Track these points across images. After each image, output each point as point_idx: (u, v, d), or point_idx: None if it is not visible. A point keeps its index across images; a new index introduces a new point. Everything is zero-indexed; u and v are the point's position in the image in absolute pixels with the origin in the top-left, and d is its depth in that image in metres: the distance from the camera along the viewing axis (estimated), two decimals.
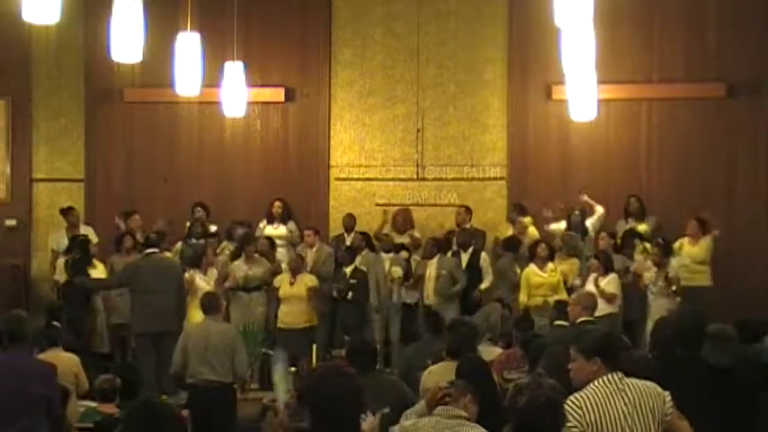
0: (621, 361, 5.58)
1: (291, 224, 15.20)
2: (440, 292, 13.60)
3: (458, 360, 7.15)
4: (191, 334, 10.32)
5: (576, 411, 5.22)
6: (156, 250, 13.16)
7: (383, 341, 13.73)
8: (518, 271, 13.50)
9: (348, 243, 14.72)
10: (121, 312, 13.84)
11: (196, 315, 11.68)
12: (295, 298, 13.42)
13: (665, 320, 7.63)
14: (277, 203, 15.18)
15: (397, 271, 13.91)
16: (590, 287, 12.97)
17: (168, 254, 13.55)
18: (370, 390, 5.89)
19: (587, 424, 5.24)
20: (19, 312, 7.26)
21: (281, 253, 14.58)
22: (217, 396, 9.94)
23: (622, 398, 5.33)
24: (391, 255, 14.17)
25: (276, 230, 14.95)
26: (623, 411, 5.30)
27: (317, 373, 4.07)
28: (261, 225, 15.07)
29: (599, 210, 14.37)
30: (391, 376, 8.33)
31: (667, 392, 5.39)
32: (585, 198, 14.43)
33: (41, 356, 8.94)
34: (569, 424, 5.02)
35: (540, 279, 13.23)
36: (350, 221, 15.22)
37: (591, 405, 5.30)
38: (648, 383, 5.41)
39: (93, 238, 14.41)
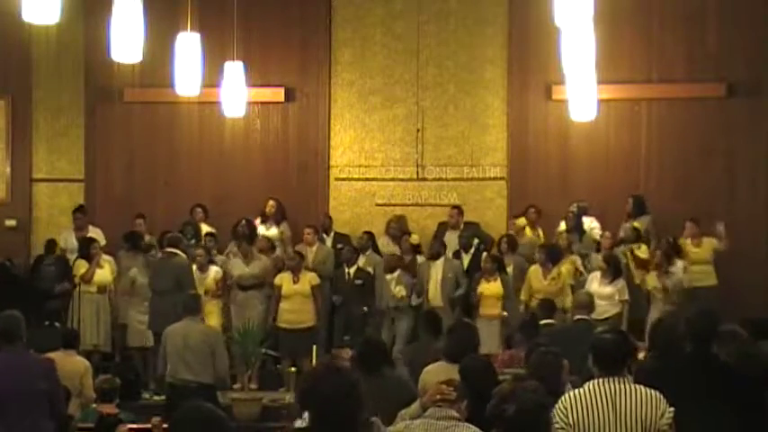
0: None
1: (284, 225, 15.14)
2: (447, 295, 13.58)
3: (455, 362, 7.12)
4: (169, 335, 10.32)
5: (561, 411, 5.25)
6: (173, 250, 13.11)
7: (391, 340, 13.67)
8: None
9: (329, 244, 14.72)
10: (124, 313, 13.90)
11: None
12: (299, 296, 13.40)
13: (670, 319, 7.61)
14: (270, 203, 15.14)
15: (401, 291, 13.79)
16: (593, 286, 12.96)
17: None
18: (375, 389, 5.89)
19: (570, 425, 5.26)
20: (13, 312, 7.29)
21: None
22: (194, 396, 9.89)
23: (611, 403, 5.30)
24: (396, 274, 13.88)
25: (268, 231, 14.92)
26: (607, 417, 5.28)
27: (312, 373, 4.05)
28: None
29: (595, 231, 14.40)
30: (397, 375, 8.31)
31: (671, 408, 5.34)
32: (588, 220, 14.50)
33: (53, 355, 8.99)
34: (556, 425, 5.03)
35: (538, 286, 13.22)
36: (327, 222, 15.21)
37: (576, 406, 5.30)
38: (652, 393, 5.36)
39: (101, 240, 14.45)
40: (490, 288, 13.34)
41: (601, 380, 5.38)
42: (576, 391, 5.41)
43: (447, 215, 15.08)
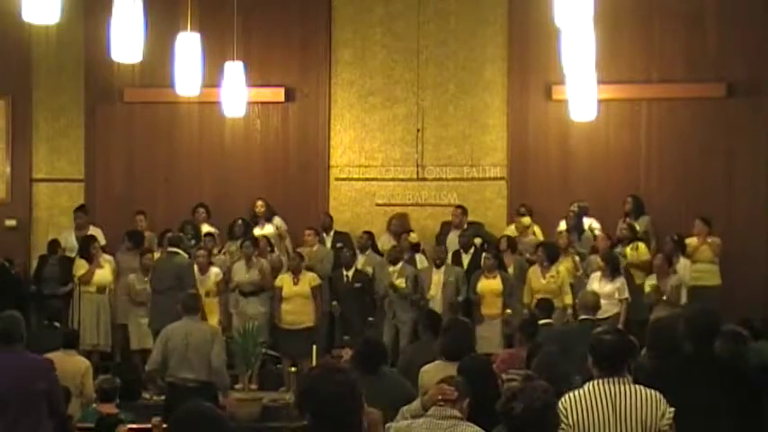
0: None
1: (277, 220, 15.18)
2: (446, 300, 13.57)
3: (453, 361, 7.13)
4: (171, 333, 10.31)
5: (561, 412, 5.23)
6: (174, 250, 13.12)
7: (392, 341, 13.65)
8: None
9: (329, 244, 14.77)
10: (123, 313, 13.93)
11: None
12: (299, 297, 13.43)
13: (669, 319, 7.60)
14: (259, 203, 15.17)
15: (402, 282, 13.78)
16: (593, 286, 12.96)
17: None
18: (374, 389, 5.89)
19: (570, 426, 5.25)
20: (13, 313, 7.30)
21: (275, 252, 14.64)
22: (195, 395, 9.87)
23: (611, 404, 5.29)
24: (398, 266, 13.89)
25: (263, 230, 14.93)
26: (608, 417, 5.27)
27: (311, 375, 4.03)
28: None
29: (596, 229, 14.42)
30: (396, 375, 8.32)
31: (671, 409, 5.33)
32: (592, 222, 14.50)
33: (53, 355, 9.00)
34: None
35: (538, 285, 13.22)
36: (327, 221, 15.23)
37: (576, 407, 5.29)
38: (652, 394, 5.34)
39: (101, 239, 14.46)
40: (490, 285, 13.35)
41: (600, 380, 5.37)
42: (576, 391, 5.40)
43: (450, 215, 15.08)
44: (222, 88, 13.53)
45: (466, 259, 14.26)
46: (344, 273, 14.07)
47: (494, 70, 15.84)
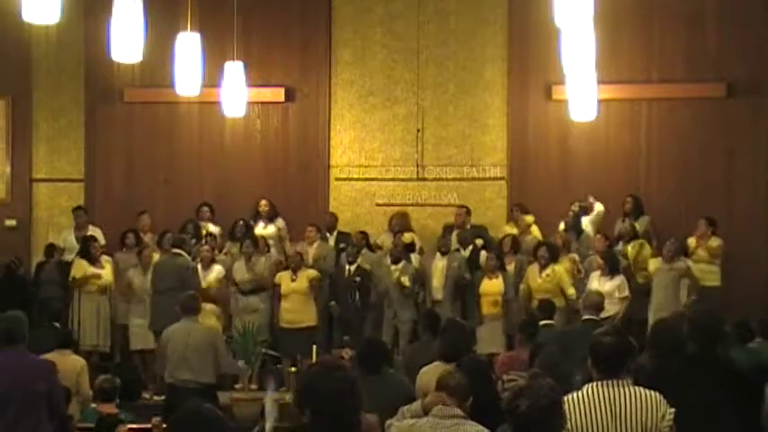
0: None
1: (279, 221, 15.20)
2: (448, 285, 13.57)
3: (451, 362, 7.12)
4: (171, 336, 10.30)
5: None
6: (177, 251, 13.14)
7: (392, 341, 13.65)
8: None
9: (332, 243, 14.80)
10: (123, 313, 13.94)
11: None
12: (297, 294, 13.45)
13: (672, 319, 7.60)
14: (263, 202, 15.20)
15: (406, 280, 13.76)
16: (593, 285, 12.97)
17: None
18: (375, 389, 5.90)
19: (569, 429, 5.23)
20: (16, 313, 7.31)
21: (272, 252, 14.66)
22: (194, 396, 9.85)
23: (611, 407, 5.27)
24: (401, 264, 13.88)
25: (265, 230, 14.95)
26: (607, 420, 5.25)
27: (311, 372, 4.03)
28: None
29: (598, 207, 14.38)
30: (398, 375, 8.31)
31: (671, 409, 5.31)
32: (591, 199, 14.45)
33: (48, 355, 9.00)
34: None
35: (534, 284, 13.21)
36: (332, 220, 15.25)
37: (575, 410, 5.27)
38: (652, 395, 5.30)
39: (101, 239, 14.47)
40: (492, 286, 13.35)
41: (600, 383, 5.35)
42: (575, 394, 5.38)
43: (454, 215, 15.05)
44: (222, 88, 13.55)
45: (465, 255, 14.24)
46: (347, 267, 14.06)
47: (494, 70, 15.84)
